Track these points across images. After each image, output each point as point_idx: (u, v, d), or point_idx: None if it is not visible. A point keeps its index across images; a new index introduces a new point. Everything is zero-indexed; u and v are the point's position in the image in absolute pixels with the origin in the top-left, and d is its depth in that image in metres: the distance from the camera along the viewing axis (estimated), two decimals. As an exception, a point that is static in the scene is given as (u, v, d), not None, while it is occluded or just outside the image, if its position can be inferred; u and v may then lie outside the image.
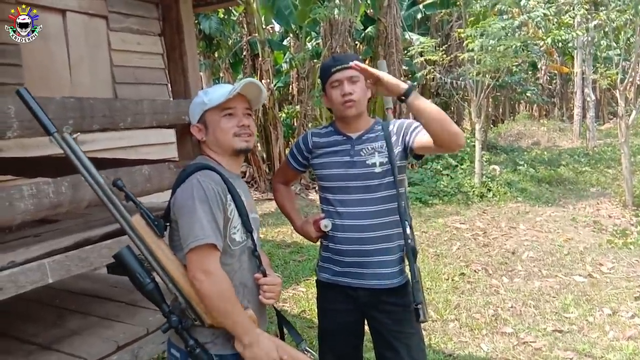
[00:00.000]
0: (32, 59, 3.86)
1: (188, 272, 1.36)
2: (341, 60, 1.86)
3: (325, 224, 1.90)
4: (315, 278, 2.08)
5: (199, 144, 1.60)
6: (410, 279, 1.87)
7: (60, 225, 2.18)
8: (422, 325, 2.00)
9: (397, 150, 1.88)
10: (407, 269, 1.99)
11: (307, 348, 1.56)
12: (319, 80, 9.62)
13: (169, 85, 3.11)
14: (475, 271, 4.74)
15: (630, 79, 7.24)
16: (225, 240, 1.44)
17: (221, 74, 10.62)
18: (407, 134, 1.86)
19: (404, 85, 1.70)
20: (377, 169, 1.86)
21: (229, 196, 1.45)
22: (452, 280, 4.50)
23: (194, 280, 1.34)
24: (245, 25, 10.14)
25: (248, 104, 1.58)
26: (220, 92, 1.52)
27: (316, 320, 2.16)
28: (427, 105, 1.70)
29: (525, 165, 9.74)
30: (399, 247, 1.91)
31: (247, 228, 1.49)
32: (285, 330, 1.66)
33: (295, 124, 11.62)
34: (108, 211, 1.37)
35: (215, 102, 1.50)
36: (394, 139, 1.89)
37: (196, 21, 9.13)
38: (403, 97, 1.70)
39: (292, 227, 2.13)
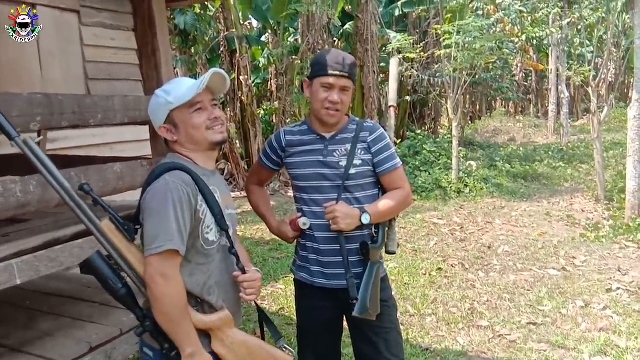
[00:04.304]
0: (2, 55, 3.75)
1: (145, 274, 1.33)
2: (341, 65, 1.81)
3: (304, 222, 1.90)
4: (293, 276, 2.07)
5: (166, 143, 1.56)
6: (374, 274, 1.85)
7: (29, 224, 2.12)
8: (400, 319, 2.01)
9: (366, 158, 1.88)
10: (385, 264, 2.00)
11: (285, 345, 1.56)
12: (297, 77, 9.48)
13: (144, 81, 3.05)
14: (452, 266, 4.79)
15: (603, 76, 7.40)
16: (198, 240, 1.42)
17: (198, 70, 10.49)
18: (380, 165, 1.89)
19: (358, 214, 1.81)
20: (351, 171, 1.86)
21: (199, 197, 1.41)
22: (430, 275, 4.54)
23: (150, 282, 1.32)
24: (222, 21, 10.04)
25: (212, 94, 1.53)
26: (183, 88, 1.47)
27: (295, 318, 2.16)
28: (384, 211, 1.87)
29: (502, 161, 9.89)
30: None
31: (222, 226, 1.45)
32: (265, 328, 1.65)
33: (274, 120, 11.57)
34: (75, 216, 1.34)
35: (183, 100, 1.45)
36: (363, 145, 1.88)
37: (171, 16, 8.99)
38: (363, 222, 1.82)
39: (270, 226, 2.10)
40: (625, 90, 20.83)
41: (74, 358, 2.00)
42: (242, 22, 11.11)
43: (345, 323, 2.05)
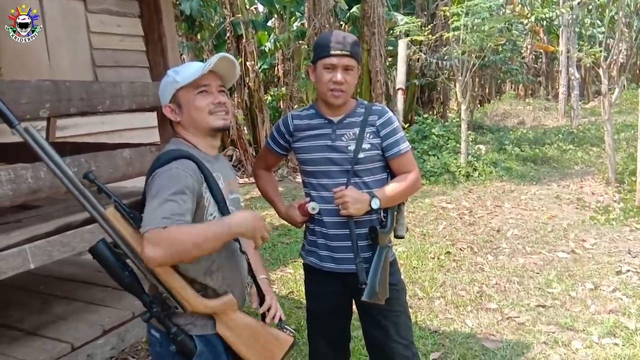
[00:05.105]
0: (9, 43, 3.76)
1: (141, 253, 1.26)
2: (342, 44, 1.79)
3: (313, 207, 1.90)
4: (302, 260, 2.09)
5: (172, 125, 1.56)
6: (383, 258, 1.85)
7: (41, 210, 2.15)
8: (409, 302, 2.02)
9: (375, 142, 1.87)
10: (393, 248, 2.01)
11: (285, 326, 1.60)
12: (304, 62, 9.39)
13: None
14: (460, 249, 4.79)
15: (614, 57, 7.28)
16: None
17: (205, 56, 10.46)
18: (389, 149, 1.89)
19: (367, 199, 1.81)
20: (360, 155, 1.85)
21: (204, 185, 1.41)
22: (438, 258, 4.55)
23: (145, 258, 1.24)
24: (227, 6, 9.97)
25: (221, 80, 1.53)
26: (192, 69, 1.47)
27: (304, 301, 2.18)
28: (393, 195, 1.87)
29: (511, 144, 9.81)
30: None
31: (224, 213, 1.45)
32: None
33: (281, 106, 11.54)
34: (79, 204, 1.33)
35: (188, 80, 1.45)
36: (372, 129, 1.87)
37: (177, 2, 8.95)
38: (372, 207, 1.82)
39: (280, 211, 2.11)
40: (637, 72, 20.50)
41: (88, 341, 2.05)
42: (247, 7, 11.05)
43: (354, 307, 2.06)
